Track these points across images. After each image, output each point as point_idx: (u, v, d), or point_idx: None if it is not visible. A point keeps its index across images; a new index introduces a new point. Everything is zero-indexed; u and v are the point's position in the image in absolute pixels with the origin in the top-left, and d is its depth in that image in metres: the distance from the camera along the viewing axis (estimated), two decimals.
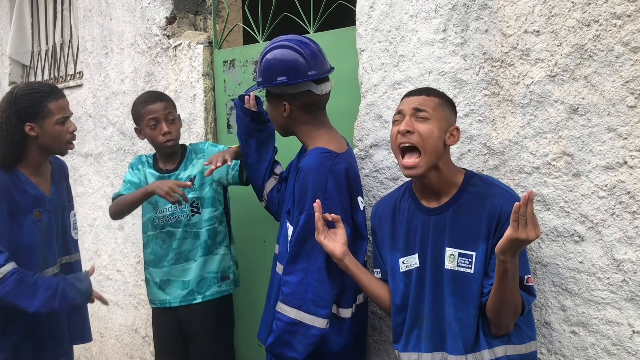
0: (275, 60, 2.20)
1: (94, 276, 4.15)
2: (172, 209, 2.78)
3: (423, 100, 1.91)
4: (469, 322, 1.85)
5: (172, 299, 2.83)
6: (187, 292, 2.81)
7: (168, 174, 2.83)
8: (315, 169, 2.12)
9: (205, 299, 2.81)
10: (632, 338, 1.84)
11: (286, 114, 2.23)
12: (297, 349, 2.09)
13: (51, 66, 4.77)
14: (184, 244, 2.80)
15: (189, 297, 2.81)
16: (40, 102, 2.40)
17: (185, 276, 2.80)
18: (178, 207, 2.76)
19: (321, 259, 2.09)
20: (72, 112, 2.56)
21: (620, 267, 1.85)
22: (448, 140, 1.92)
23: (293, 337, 2.09)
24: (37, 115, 2.40)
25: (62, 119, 2.44)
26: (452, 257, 1.88)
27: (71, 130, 2.48)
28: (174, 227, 2.79)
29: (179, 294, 2.82)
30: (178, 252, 2.80)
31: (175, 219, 2.79)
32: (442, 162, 1.92)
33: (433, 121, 1.89)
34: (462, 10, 2.17)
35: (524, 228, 1.64)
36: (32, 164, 2.46)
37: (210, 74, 3.30)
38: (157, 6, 3.56)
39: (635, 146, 1.80)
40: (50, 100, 2.42)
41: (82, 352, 4.37)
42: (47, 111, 2.41)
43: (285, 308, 2.10)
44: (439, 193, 1.94)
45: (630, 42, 1.78)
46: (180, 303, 2.82)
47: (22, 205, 2.41)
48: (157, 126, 2.74)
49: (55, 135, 2.44)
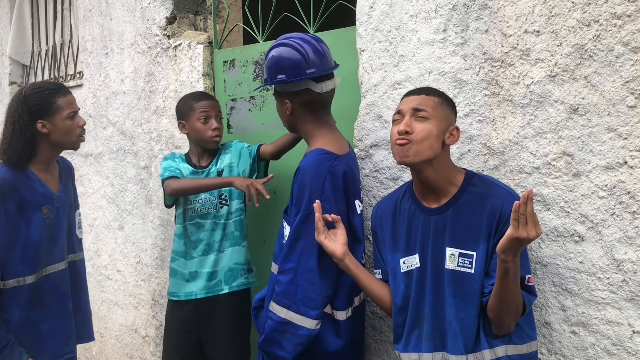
0: (276, 58, 2.21)
1: (94, 276, 4.16)
2: (202, 200, 2.86)
3: (423, 100, 1.92)
4: (470, 322, 1.84)
5: (198, 290, 2.87)
6: (214, 283, 2.86)
7: (202, 169, 2.90)
8: (313, 169, 2.11)
9: (231, 290, 2.85)
10: (632, 338, 1.84)
11: (289, 112, 2.24)
12: (286, 348, 2.10)
13: (51, 66, 4.77)
14: (213, 235, 2.86)
15: (215, 287, 2.86)
16: (50, 99, 2.46)
17: (214, 267, 2.86)
18: (208, 200, 2.85)
19: (313, 260, 2.09)
20: (80, 108, 2.61)
21: (620, 267, 1.85)
22: (447, 140, 1.92)
23: (282, 337, 2.10)
24: (48, 111, 2.45)
25: (71, 113, 2.50)
26: (453, 257, 1.88)
27: (81, 125, 2.54)
28: (203, 219, 2.86)
29: (205, 285, 2.86)
30: (207, 244, 2.87)
31: (205, 211, 2.86)
32: (441, 161, 1.92)
33: (432, 120, 1.89)
34: (462, 10, 2.17)
35: (524, 227, 1.64)
36: (42, 161, 2.51)
37: (210, 74, 3.30)
38: (157, 6, 3.56)
39: (635, 146, 1.80)
40: (59, 96, 2.48)
41: (82, 352, 4.37)
42: (56, 107, 2.46)
43: (276, 307, 2.11)
44: (438, 192, 1.94)
45: (630, 42, 1.78)
46: (207, 294, 2.86)
47: (31, 202, 2.45)
48: (208, 121, 2.84)
49: (66, 130, 2.49)
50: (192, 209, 2.88)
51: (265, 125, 3.04)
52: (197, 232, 2.87)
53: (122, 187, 3.88)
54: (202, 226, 2.86)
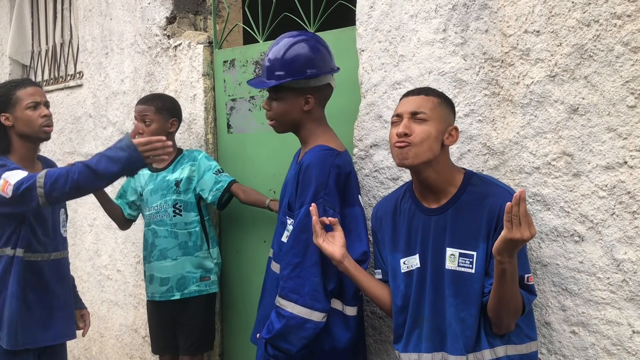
0: (305, 53, 2.22)
1: (94, 276, 4.16)
2: (157, 207, 3.01)
3: (421, 101, 1.91)
4: (471, 322, 1.84)
5: (155, 293, 3.05)
6: (166, 289, 3.01)
7: (157, 173, 3.06)
8: (318, 165, 2.14)
9: (183, 297, 3.01)
10: (632, 338, 1.84)
11: (308, 108, 2.24)
12: (291, 342, 2.11)
13: (51, 66, 4.77)
14: (166, 243, 2.99)
15: (167, 293, 3.01)
16: (9, 92, 2.57)
17: (165, 273, 3.01)
18: (162, 207, 3.00)
19: (318, 253, 2.11)
20: (47, 100, 2.67)
21: (620, 267, 1.85)
22: (447, 141, 1.92)
23: (289, 331, 2.11)
24: (8, 104, 2.56)
25: (31, 104, 2.57)
26: (453, 258, 1.88)
27: (43, 115, 2.59)
28: (158, 226, 3.01)
29: (159, 290, 3.02)
30: (159, 250, 3.01)
31: (159, 218, 3.01)
32: (440, 161, 1.91)
33: (431, 122, 1.89)
34: (462, 10, 2.17)
35: (517, 228, 1.64)
36: (22, 159, 2.59)
37: (210, 74, 3.30)
38: (157, 6, 3.56)
39: (635, 146, 1.80)
40: (19, 88, 2.59)
41: (82, 352, 4.37)
42: (15, 98, 2.56)
43: (284, 302, 2.12)
44: (437, 193, 1.94)
45: (630, 42, 1.78)
46: (161, 298, 3.03)
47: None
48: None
49: (26, 121, 2.57)
50: (149, 215, 3.04)
51: (265, 125, 3.04)
52: (153, 238, 3.03)
53: None
54: (156, 233, 3.02)
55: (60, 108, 4.43)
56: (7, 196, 2.36)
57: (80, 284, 4.27)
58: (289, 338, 2.11)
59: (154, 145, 2.33)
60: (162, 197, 3.01)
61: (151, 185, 3.05)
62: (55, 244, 2.68)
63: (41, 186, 2.33)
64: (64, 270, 2.75)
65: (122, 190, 3.19)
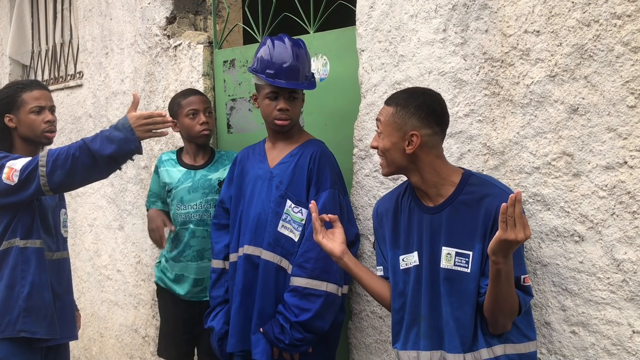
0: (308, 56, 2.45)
1: (94, 276, 4.17)
2: (197, 206, 2.86)
3: (381, 112, 1.96)
4: (466, 321, 1.85)
5: (186, 293, 2.91)
6: (199, 290, 2.90)
7: (195, 170, 2.91)
8: (329, 155, 2.40)
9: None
10: (632, 338, 1.84)
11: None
12: (326, 319, 2.27)
13: (51, 66, 4.77)
14: (204, 243, 2.87)
15: (201, 294, 2.90)
16: (15, 94, 2.55)
17: (201, 274, 2.88)
18: (203, 207, 2.86)
19: None
20: (53, 105, 2.64)
21: (620, 267, 1.85)
22: (407, 149, 1.88)
23: (327, 309, 2.24)
24: (13, 106, 2.54)
25: (36, 108, 2.55)
26: (449, 257, 1.88)
27: (47, 120, 2.58)
28: (197, 226, 2.88)
29: (192, 290, 2.90)
30: (196, 250, 2.89)
31: (199, 217, 2.87)
32: (423, 167, 1.91)
33: (384, 135, 1.92)
34: (462, 10, 2.17)
35: (512, 229, 1.65)
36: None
37: (211, 74, 3.30)
38: (157, 6, 3.56)
39: (635, 146, 1.80)
40: (25, 91, 2.56)
41: (82, 352, 4.37)
42: (20, 101, 2.54)
43: (315, 283, 2.23)
44: (430, 194, 1.94)
45: (630, 42, 1.78)
46: (192, 298, 2.92)
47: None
48: (196, 116, 2.86)
49: (29, 124, 2.55)
50: (185, 213, 2.88)
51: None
52: (189, 237, 2.88)
53: (122, 187, 3.88)
54: (194, 232, 2.87)
55: (60, 108, 4.42)
56: (12, 184, 2.35)
57: (80, 284, 4.28)
58: (325, 316, 2.24)
59: (155, 119, 2.33)
60: (204, 195, 2.86)
61: (189, 183, 2.89)
62: (56, 243, 2.68)
63: (43, 165, 2.33)
64: (65, 270, 2.73)
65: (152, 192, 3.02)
